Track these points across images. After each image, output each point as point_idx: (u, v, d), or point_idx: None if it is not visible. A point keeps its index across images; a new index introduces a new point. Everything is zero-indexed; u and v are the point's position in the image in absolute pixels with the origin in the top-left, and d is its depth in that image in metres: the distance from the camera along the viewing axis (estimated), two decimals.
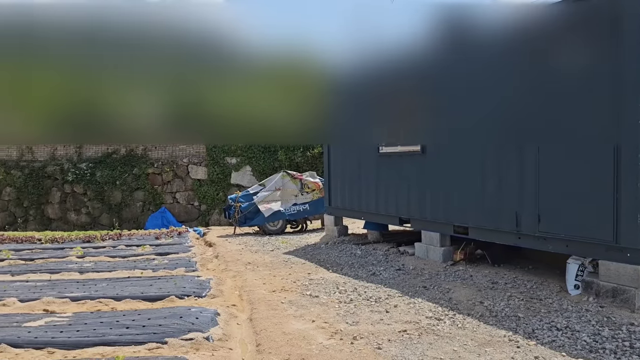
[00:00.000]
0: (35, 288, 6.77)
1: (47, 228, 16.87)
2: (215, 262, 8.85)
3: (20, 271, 8.03)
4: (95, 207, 17.26)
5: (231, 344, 4.65)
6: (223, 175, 17.27)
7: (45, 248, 10.50)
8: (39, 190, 17.39)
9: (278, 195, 12.58)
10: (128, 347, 4.48)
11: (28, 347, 4.58)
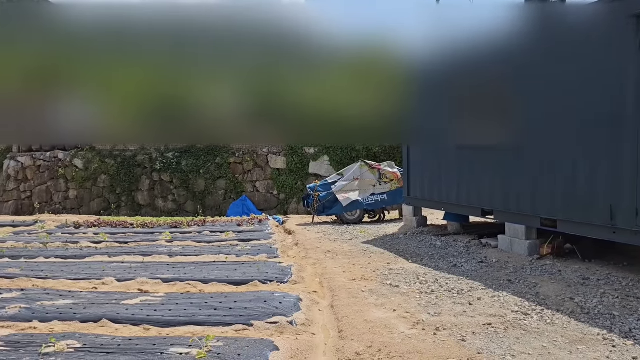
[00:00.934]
0: (130, 269, 7.23)
1: (137, 214, 17.91)
2: (295, 250, 9.04)
3: (116, 253, 8.60)
4: (180, 194, 18.10)
5: (314, 329, 4.74)
6: (301, 164, 17.53)
7: (137, 232, 11.16)
8: (130, 178, 18.47)
9: (356, 185, 12.60)
10: (216, 328, 4.68)
11: (126, 323, 4.91)
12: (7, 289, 6.23)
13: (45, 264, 7.80)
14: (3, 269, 7.37)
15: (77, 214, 17.67)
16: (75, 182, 18.82)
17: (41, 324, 4.97)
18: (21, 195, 19.50)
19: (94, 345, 4.19)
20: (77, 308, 5.35)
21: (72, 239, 10.38)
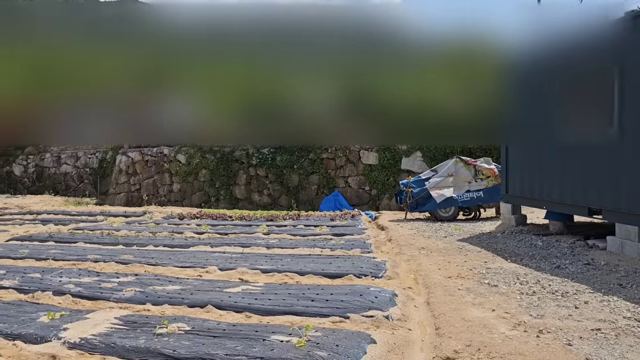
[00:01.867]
0: (231, 259, 7.59)
1: (235, 207, 18.71)
2: (388, 245, 9.03)
3: (218, 243, 9.06)
4: (275, 189, 18.66)
5: (410, 324, 4.73)
6: (393, 160, 17.42)
7: (236, 224, 11.68)
8: (229, 172, 19.32)
9: (451, 181, 12.33)
10: (314, 319, 4.81)
11: (229, 310, 5.18)
12: (124, 274, 6.79)
13: (155, 252, 8.39)
14: (119, 255, 8.03)
15: (180, 206, 18.80)
16: (179, 176, 20.01)
17: (153, 307, 5.37)
18: (131, 187, 21.06)
19: (201, 329, 4.46)
20: (184, 294, 5.72)
21: (177, 229, 11.06)
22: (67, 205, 19.48)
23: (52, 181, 26.97)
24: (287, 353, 3.78)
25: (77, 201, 21.82)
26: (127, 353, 4.06)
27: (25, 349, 4.29)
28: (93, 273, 6.88)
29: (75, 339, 4.35)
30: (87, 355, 4.13)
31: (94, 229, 11.39)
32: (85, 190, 25.67)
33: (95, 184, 25.79)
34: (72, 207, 18.38)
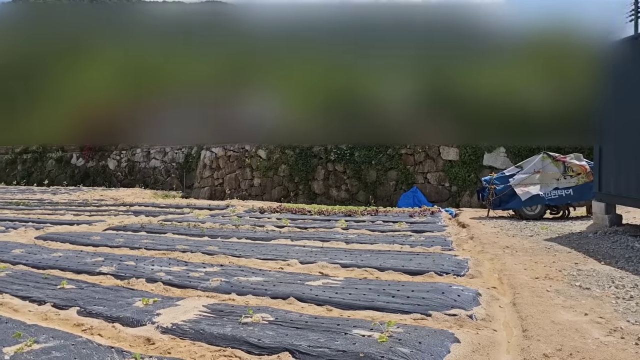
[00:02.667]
0: (311, 253, 7.70)
1: (313, 202, 18.95)
2: (470, 243, 8.79)
3: (298, 237, 9.22)
4: (353, 184, 18.70)
5: (495, 325, 4.59)
6: (475, 156, 16.92)
7: (315, 219, 11.82)
8: (307, 168, 19.59)
9: (537, 178, 11.79)
10: (394, 315, 4.78)
11: (311, 302, 5.26)
12: (210, 264, 7.08)
13: (238, 244, 8.67)
14: (205, 246, 8.38)
15: (261, 200, 19.30)
16: (259, 171, 20.54)
17: (238, 297, 5.57)
18: (214, 182, 21.88)
19: (284, 320, 4.57)
20: (267, 285, 5.87)
21: (258, 222, 11.37)
22: (156, 198, 20.57)
23: (142, 175, 28.59)
24: (369, 347, 3.79)
25: (165, 194, 22.97)
26: (214, 340, 4.24)
27: (123, 331, 4.59)
28: (182, 262, 7.23)
29: (167, 324, 4.59)
30: (178, 339, 4.35)
31: (181, 220, 11.95)
32: (172, 183, 26.99)
33: (181, 177, 27.06)
34: (160, 200, 19.39)
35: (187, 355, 4.02)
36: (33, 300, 5.63)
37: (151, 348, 4.23)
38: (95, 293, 5.73)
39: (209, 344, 4.20)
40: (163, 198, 20.77)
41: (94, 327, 4.77)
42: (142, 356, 3.82)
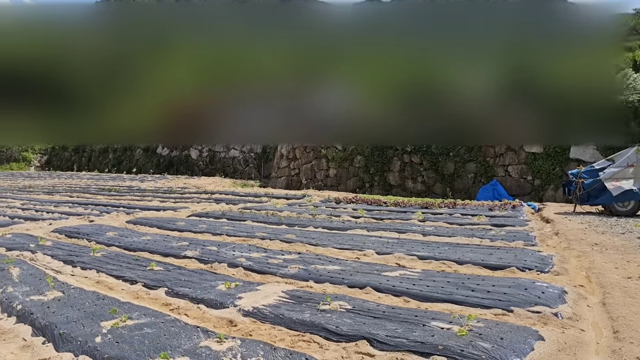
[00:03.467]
0: (387, 244, 7.68)
1: (389, 193, 18.82)
2: (555, 239, 8.40)
3: (374, 228, 9.21)
4: (429, 176, 18.37)
5: (582, 325, 4.37)
6: (560, 148, 16.09)
7: (391, 210, 11.75)
8: (383, 159, 19.46)
9: (630, 172, 11.05)
10: (474, 309, 4.67)
11: (387, 293, 5.26)
12: (288, 252, 7.24)
13: (315, 233, 8.80)
14: (283, 234, 8.58)
15: (336, 191, 19.43)
16: (335, 162, 20.66)
17: (316, 284, 5.66)
18: (291, 172, 22.26)
19: (361, 308, 4.60)
20: (344, 274, 5.93)
21: (334, 212, 11.47)
22: (235, 187, 21.25)
23: (222, 164, 29.61)
24: (448, 340, 3.74)
25: (243, 183, 23.67)
26: (294, 325, 4.34)
27: (207, 313, 4.81)
28: (261, 249, 7.45)
29: (248, 307, 4.76)
30: (259, 323, 4.50)
31: (260, 209, 12.28)
32: (250, 173, 27.76)
33: (258, 167, 27.77)
34: (239, 189, 20.02)
35: (267, 338, 4.15)
36: (126, 280, 6.02)
37: (234, 329, 4.40)
38: (181, 275, 6.04)
39: (288, 329, 4.31)
40: (242, 187, 21.42)
41: (181, 307, 5.03)
42: (225, 337, 3.98)
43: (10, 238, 8.77)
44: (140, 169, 33.00)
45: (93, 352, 3.85)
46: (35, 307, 4.94)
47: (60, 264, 6.98)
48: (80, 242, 8.69)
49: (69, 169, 38.29)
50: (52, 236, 9.19)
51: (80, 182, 24.33)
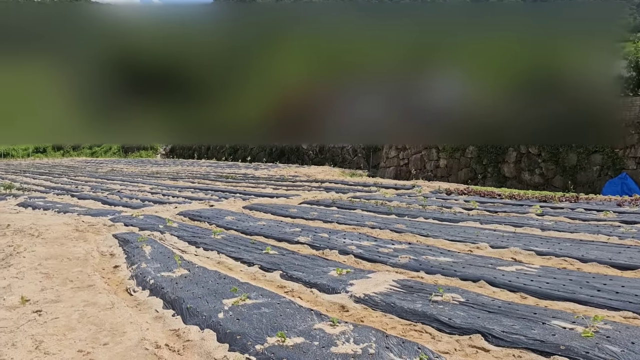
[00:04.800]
0: (502, 238, 7.37)
1: (503, 185, 18.00)
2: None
3: (487, 221, 8.89)
4: (549, 168, 17.30)
5: None
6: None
7: (505, 203, 11.25)
8: (497, 149, 18.64)
9: None
10: (600, 310, 4.37)
11: (503, 288, 5.07)
12: (398, 241, 7.22)
13: (425, 224, 8.68)
14: (392, 224, 8.56)
15: (447, 182, 18.96)
16: (445, 152, 20.14)
17: (427, 275, 5.60)
18: (400, 162, 22.07)
19: (475, 302, 4.48)
20: (456, 266, 5.80)
21: (445, 203, 11.22)
22: (344, 176, 21.51)
23: (331, 154, 30.09)
24: (570, 341, 3.54)
25: (352, 172, 23.88)
26: (405, 314, 4.34)
27: (320, 297, 4.96)
28: (371, 238, 7.50)
29: (359, 294, 4.83)
30: (370, 310, 4.56)
31: (369, 198, 12.34)
32: (359, 162, 27.94)
33: (367, 157, 27.86)
34: (348, 178, 20.24)
35: (379, 325, 4.19)
36: (244, 262, 6.37)
37: (346, 315, 4.50)
38: (294, 260, 6.26)
39: (399, 317, 4.33)
40: (350, 176, 21.63)
41: (295, 290, 5.23)
42: (338, 321, 4.08)
43: (142, 219, 9.62)
44: (254, 157, 34.52)
45: (216, 326, 4.13)
46: (165, 282, 5.40)
47: (185, 244, 7.54)
48: (202, 224, 9.31)
49: (190, 157, 41.03)
50: (177, 218, 9.94)
51: (200, 169, 25.99)
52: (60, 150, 50.42)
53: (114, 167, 30.22)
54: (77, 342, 4.01)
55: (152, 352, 3.78)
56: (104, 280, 5.85)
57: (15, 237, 8.03)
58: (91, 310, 4.70)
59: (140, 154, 44.34)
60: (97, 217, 9.89)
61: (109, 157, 45.67)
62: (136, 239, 7.60)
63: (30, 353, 3.81)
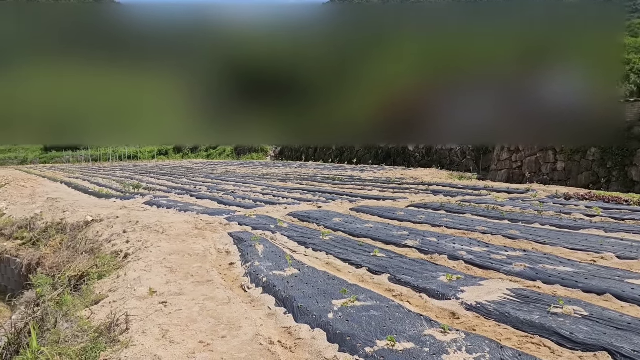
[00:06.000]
0: (631, 248, 6.77)
1: (630, 190, 16.49)
2: None
3: (613, 229, 8.17)
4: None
5: None
6: None
7: (634, 210, 10.31)
8: (624, 151, 17.13)
9: None
10: None
11: (633, 303, 4.66)
12: (511, 248, 6.90)
13: (542, 230, 8.20)
14: (505, 230, 8.19)
15: (564, 186, 17.75)
16: (564, 154, 18.88)
17: (544, 285, 5.29)
18: (512, 164, 21.05)
19: (600, 317, 4.16)
20: (577, 277, 5.42)
21: (563, 209, 10.52)
22: (452, 179, 20.92)
23: (438, 156, 29.45)
24: None
25: (461, 175, 23.15)
26: (521, 325, 4.14)
27: (429, 302, 4.88)
28: (482, 243, 7.23)
29: (471, 301, 4.69)
30: (482, 318, 4.40)
31: (479, 202, 11.90)
32: (468, 165, 27.07)
33: (476, 159, 26.90)
34: (456, 181, 19.66)
35: (492, 335, 4.03)
36: (351, 263, 6.43)
37: (456, 322, 4.38)
38: (402, 263, 6.21)
39: (514, 328, 4.13)
40: (459, 179, 20.99)
41: (403, 294, 5.19)
42: (449, 328, 3.99)
43: (254, 219, 10.05)
44: (359, 159, 34.68)
45: (326, 326, 4.22)
46: (277, 281, 5.60)
47: (295, 244, 7.77)
48: (310, 225, 9.54)
49: (297, 159, 42.17)
50: (287, 219, 10.26)
51: (308, 171, 26.61)
52: (180, 152, 54.15)
53: (227, 168, 31.86)
54: (198, 334, 4.29)
55: (266, 348, 3.95)
56: (221, 276, 6.20)
57: (143, 233, 8.76)
58: (210, 304, 5.01)
59: (252, 156, 46.34)
60: (214, 216, 10.49)
61: (223, 159, 48.25)
62: (249, 237, 7.97)
63: (157, 341, 4.13)
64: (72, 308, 5.22)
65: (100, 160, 52.92)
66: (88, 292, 5.94)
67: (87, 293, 5.92)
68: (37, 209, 13.77)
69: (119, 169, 36.04)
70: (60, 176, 28.91)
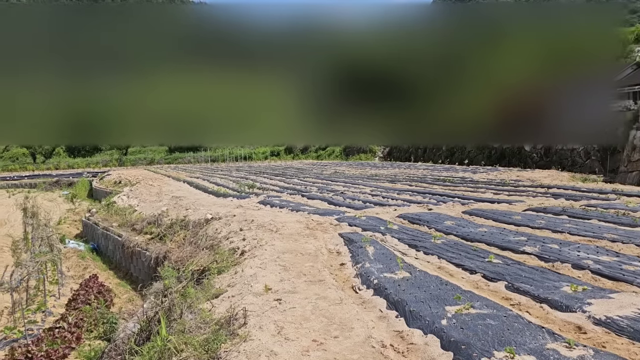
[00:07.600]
0: None
1: None
2: None
3: None
4: None
5: None
6: None
7: None
8: None
9: None
10: None
11: None
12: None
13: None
14: (638, 238, 7.45)
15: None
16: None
17: None
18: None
19: None
20: None
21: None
22: (575, 181, 19.49)
23: (558, 157, 27.60)
24: None
25: (584, 177, 21.50)
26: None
27: (551, 314, 4.58)
28: (612, 252, 6.66)
29: (600, 315, 4.33)
30: (613, 335, 4.06)
31: (607, 207, 10.96)
32: (592, 166, 25.08)
33: (602, 160, 24.83)
34: (580, 183, 18.28)
35: (625, 353, 3.70)
36: (465, 269, 6.23)
37: (583, 337, 4.08)
38: (520, 271, 5.90)
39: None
40: (582, 181, 19.50)
41: (522, 303, 4.92)
42: (575, 343, 3.72)
43: (364, 220, 10.08)
44: (471, 160, 33.47)
45: (440, 333, 4.12)
46: (388, 283, 5.57)
47: (405, 247, 7.68)
48: (421, 228, 9.37)
49: (406, 159, 41.64)
50: (397, 221, 10.18)
51: (417, 172, 26.18)
52: (291, 153, 55.82)
53: (336, 169, 32.29)
54: (312, 332, 4.38)
55: (378, 351, 3.94)
56: (332, 277, 6.29)
57: (258, 232, 9.14)
58: (322, 304, 5.10)
59: (360, 157, 46.54)
60: (324, 217, 10.67)
61: (332, 159, 48.98)
62: (360, 239, 8.01)
63: (273, 337, 4.29)
64: (195, 300, 5.58)
65: (217, 161, 56.10)
66: (209, 286, 6.33)
67: (208, 287, 6.30)
68: (163, 206, 14.92)
69: (234, 169, 37.96)
70: (183, 176, 31.08)
